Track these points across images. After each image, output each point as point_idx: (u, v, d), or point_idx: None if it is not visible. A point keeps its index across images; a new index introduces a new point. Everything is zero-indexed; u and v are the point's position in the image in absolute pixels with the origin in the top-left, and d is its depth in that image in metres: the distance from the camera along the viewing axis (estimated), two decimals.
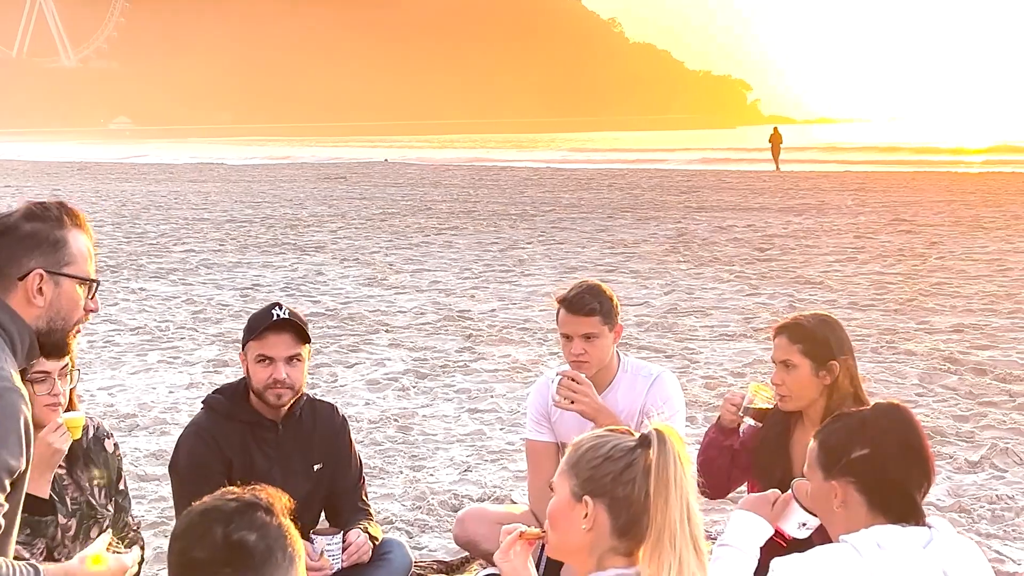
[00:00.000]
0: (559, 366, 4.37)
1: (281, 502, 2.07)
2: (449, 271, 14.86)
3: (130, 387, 8.47)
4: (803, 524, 2.91)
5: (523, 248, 17.41)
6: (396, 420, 7.46)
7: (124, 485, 3.72)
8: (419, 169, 47.27)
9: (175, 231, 20.90)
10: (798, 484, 2.87)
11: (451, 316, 11.29)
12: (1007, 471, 6.21)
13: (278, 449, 4.01)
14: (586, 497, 2.30)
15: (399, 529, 5.46)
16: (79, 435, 3.44)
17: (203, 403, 4.13)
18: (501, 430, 7.23)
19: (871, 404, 2.90)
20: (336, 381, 8.57)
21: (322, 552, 3.84)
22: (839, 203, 25.04)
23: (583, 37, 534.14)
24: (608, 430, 2.41)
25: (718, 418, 4.02)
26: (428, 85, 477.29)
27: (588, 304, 4.11)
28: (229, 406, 4.01)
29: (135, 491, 5.43)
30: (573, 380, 4.07)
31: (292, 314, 3.92)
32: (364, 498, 4.23)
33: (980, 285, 12.65)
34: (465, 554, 4.97)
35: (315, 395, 4.31)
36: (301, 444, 4.05)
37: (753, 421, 3.89)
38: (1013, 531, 5.34)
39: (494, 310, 11.74)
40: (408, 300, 12.45)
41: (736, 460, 3.97)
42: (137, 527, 3.84)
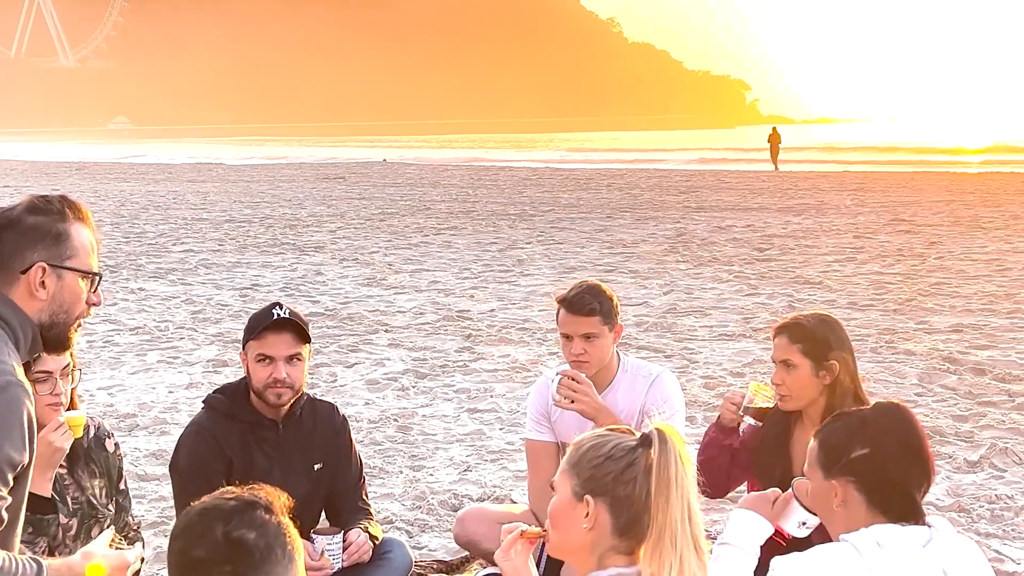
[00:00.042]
0: (559, 366, 4.37)
1: (280, 501, 2.08)
2: (448, 271, 14.86)
3: (130, 387, 8.48)
4: (803, 523, 2.92)
5: (522, 248, 17.41)
6: (396, 420, 7.46)
7: (125, 485, 3.73)
8: (418, 169, 47.24)
9: (174, 231, 20.90)
10: (798, 483, 2.88)
11: (450, 316, 11.29)
12: (1006, 471, 6.22)
13: (278, 449, 4.01)
14: (587, 496, 2.31)
15: (399, 529, 5.47)
16: (80, 433, 3.45)
17: (203, 403, 4.14)
18: (501, 430, 7.23)
19: (871, 404, 2.90)
20: (336, 381, 8.57)
21: (322, 552, 3.84)
22: (838, 203, 25.03)
23: (582, 37, 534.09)
24: (609, 429, 2.42)
25: (718, 417, 4.02)
26: (427, 85, 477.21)
27: (588, 304, 4.11)
28: (229, 406, 4.02)
29: (135, 491, 5.43)
30: (573, 380, 4.08)
31: (292, 314, 3.93)
32: (364, 498, 4.24)
33: (979, 285, 12.65)
34: (465, 554, 4.97)
35: (315, 395, 4.31)
36: (301, 444, 4.05)
37: (753, 420, 3.90)
38: (1012, 531, 5.35)
39: (493, 310, 11.74)
40: (407, 300, 12.45)
41: (736, 459, 3.98)
42: (137, 527, 3.84)
